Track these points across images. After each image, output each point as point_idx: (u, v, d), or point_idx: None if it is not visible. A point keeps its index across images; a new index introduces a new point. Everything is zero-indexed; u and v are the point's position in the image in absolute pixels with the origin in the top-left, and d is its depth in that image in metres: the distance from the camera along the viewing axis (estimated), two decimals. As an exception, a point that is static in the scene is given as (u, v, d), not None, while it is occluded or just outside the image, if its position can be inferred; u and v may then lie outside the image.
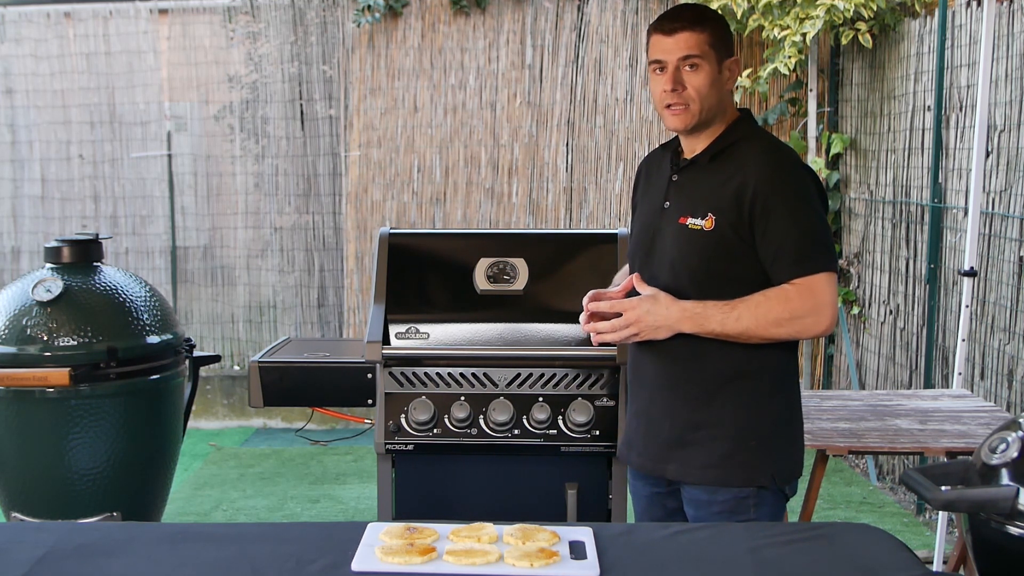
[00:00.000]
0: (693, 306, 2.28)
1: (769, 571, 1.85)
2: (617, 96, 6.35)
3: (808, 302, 2.26)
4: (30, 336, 3.47)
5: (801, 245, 2.28)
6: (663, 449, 2.41)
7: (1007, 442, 1.96)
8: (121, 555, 1.93)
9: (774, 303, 2.25)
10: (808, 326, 2.28)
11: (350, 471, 5.69)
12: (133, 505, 3.63)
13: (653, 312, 2.29)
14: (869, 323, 5.71)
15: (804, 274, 2.27)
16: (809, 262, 2.27)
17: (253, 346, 6.76)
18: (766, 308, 2.25)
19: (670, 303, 2.29)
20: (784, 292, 2.26)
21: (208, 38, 6.67)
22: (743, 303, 2.26)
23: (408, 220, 6.48)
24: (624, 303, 2.33)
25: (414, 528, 1.99)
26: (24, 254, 6.87)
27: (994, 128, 4.37)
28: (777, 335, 2.28)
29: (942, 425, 3.30)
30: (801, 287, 2.26)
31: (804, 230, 2.29)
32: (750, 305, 2.26)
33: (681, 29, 2.32)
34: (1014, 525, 1.86)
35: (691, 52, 2.31)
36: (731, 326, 2.26)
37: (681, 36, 2.32)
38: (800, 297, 2.26)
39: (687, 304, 2.28)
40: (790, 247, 2.28)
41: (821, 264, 2.28)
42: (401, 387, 2.98)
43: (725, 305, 2.27)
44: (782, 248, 2.28)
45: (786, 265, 2.28)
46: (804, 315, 2.26)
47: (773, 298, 2.26)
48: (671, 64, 2.32)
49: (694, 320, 2.28)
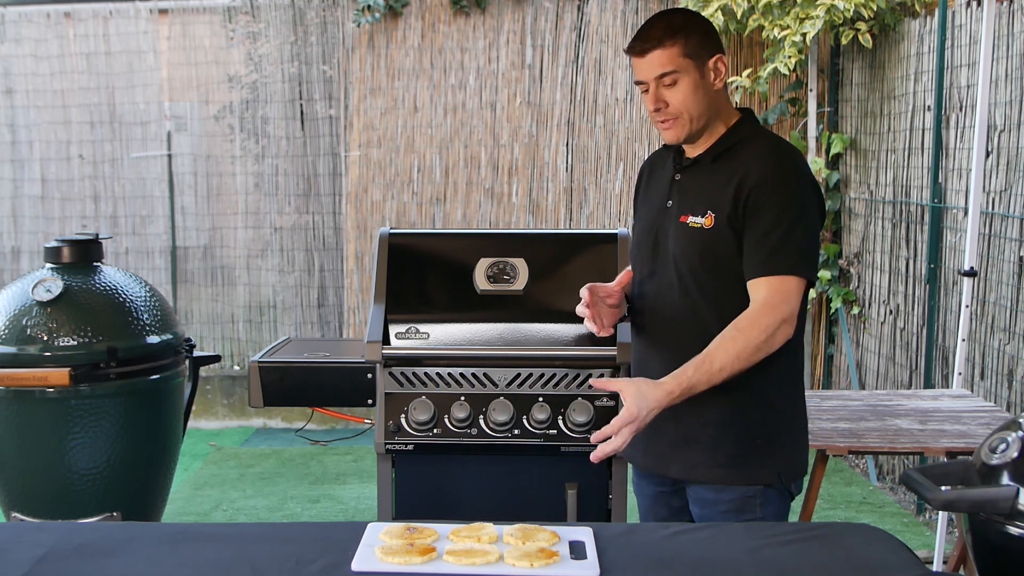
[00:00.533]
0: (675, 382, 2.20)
1: (769, 571, 1.85)
2: (617, 96, 6.35)
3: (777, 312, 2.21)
4: (30, 336, 3.47)
5: (779, 244, 2.25)
6: (668, 448, 2.41)
7: (1007, 442, 1.96)
8: (121, 555, 1.93)
9: (748, 330, 2.21)
10: (779, 339, 2.23)
11: (350, 471, 5.69)
12: (133, 505, 3.63)
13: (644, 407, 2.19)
14: (869, 323, 5.71)
15: (774, 272, 2.24)
16: (782, 262, 2.24)
17: (253, 346, 6.77)
18: (744, 341, 2.20)
19: (651, 389, 2.20)
20: (750, 315, 2.22)
21: (208, 38, 6.67)
22: (720, 348, 2.20)
23: (408, 220, 6.48)
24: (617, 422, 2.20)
25: (414, 528, 1.99)
26: (24, 254, 6.88)
27: (994, 128, 4.37)
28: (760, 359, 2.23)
29: (942, 425, 3.30)
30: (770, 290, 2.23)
31: (787, 231, 2.26)
32: (727, 345, 2.20)
33: (651, 48, 2.30)
34: (1014, 525, 1.86)
35: (665, 70, 2.30)
36: (717, 378, 2.21)
37: (653, 55, 2.30)
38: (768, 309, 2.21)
39: (668, 384, 2.20)
40: (767, 244, 2.25)
41: (794, 267, 2.24)
42: (401, 387, 2.98)
43: (703, 362, 2.20)
44: (760, 243, 2.25)
45: (759, 260, 2.25)
46: (775, 328, 2.21)
47: (745, 326, 2.21)
48: (651, 84, 2.32)
49: (682, 395, 2.21)
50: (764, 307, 2.23)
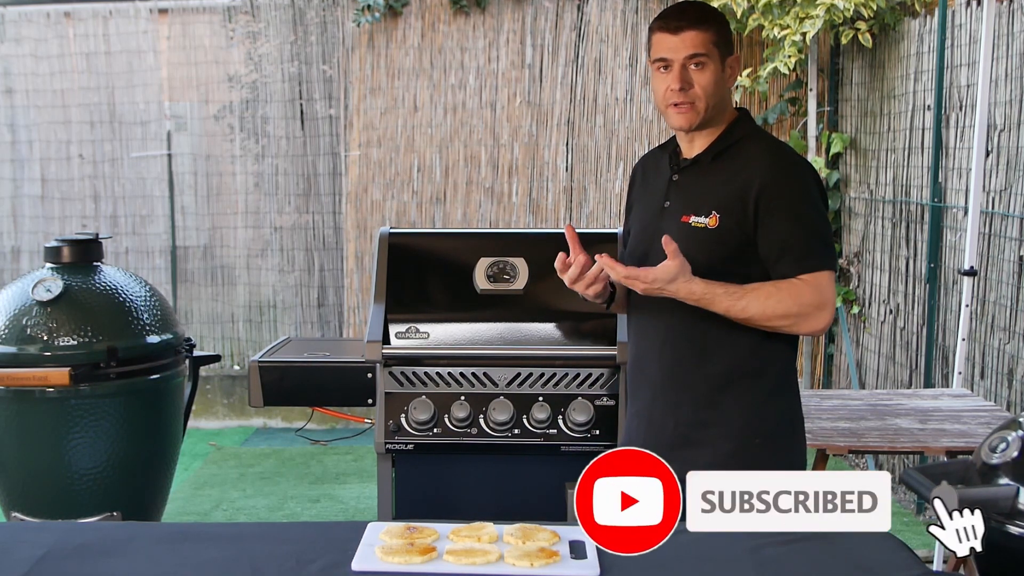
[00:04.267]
0: (702, 288, 2.24)
1: (769, 571, 1.85)
2: (617, 96, 6.35)
3: (816, 298, 2.26)
4: (30, 336, 3.47)
5: (806, 243, 2.29)
6: (666, 449, 2.40)
7: (1007, 441, 1.96)
8: (121, 555, 1.93)
9: (785, 296, 2.25)
10: (811, 322, 2.28)
11: (350, 471, 5.69)
12: (133, 505, 3.63)
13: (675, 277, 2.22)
14: (869, 322, 5.71)
15: (810, 271, 2.28)
16: (815, 259, 2.28)
17: (253, 346, 6.76)
18: (776, 300, 2.25)
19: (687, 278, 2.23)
20: (795, 287, 2.26)
21: (208, 38, 6.67)
22: (753, 292, 2.25)
23: (408, 220, 6.48)
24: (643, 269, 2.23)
25: (414, 528, 1.99)
26: (24, 254, 6.87)
27: (994, 127, 4.37)
28: (777, 326, 2.28)
29: (942, 424, 3.30)
30: (811, 283, 2.27)
31: (809, 228, 2.30)
32: (760, 295, 2.25)
33: (687, 27, 2.31)
34: (1014, 525, 1.86)
35: (697, 51, 2.31)
36: (735, 313, 2.26)
37: (687, 35, 2.31)
38: (810, 293, 2.26)
39: (695, 287, 2.24)
40: (795, 245, 2.28)
41: (825, 262, 2.30)
42: (401, 387, 2.98)
43: (734, 292, 2.25)
44: (787, 245, 2.29)
45: (792, 262, 2.28)
46: (811, 311, 2.27)
47: (785, 291, 2.26)
48: (677, 63, 2.31)
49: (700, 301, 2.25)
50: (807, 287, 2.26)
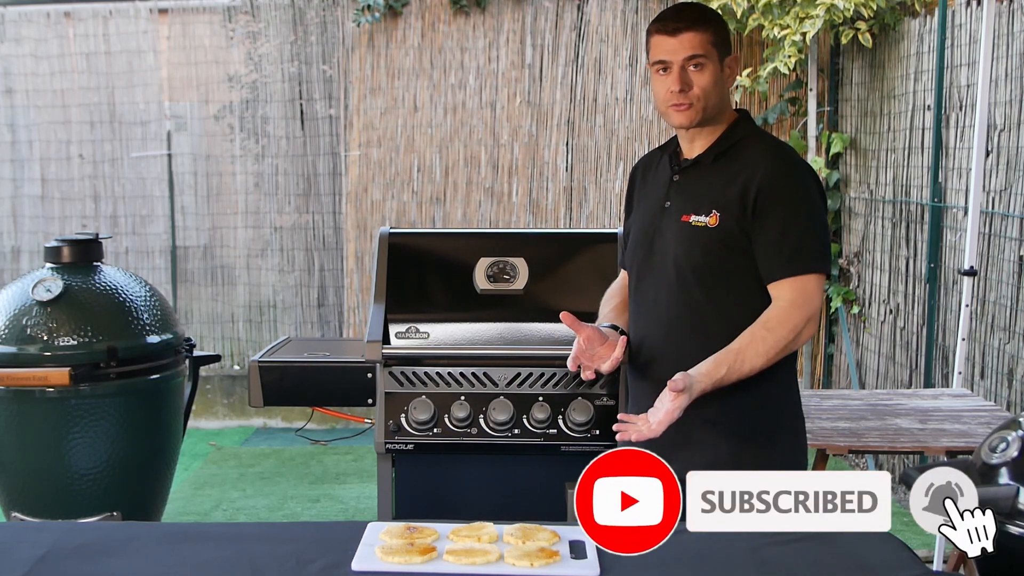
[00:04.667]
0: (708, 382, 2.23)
1: (769, 571, 1.85)
2: (617, 96, 6.35)
3: (804, 310, 2.26)
4: (30, 336, 3.47)
5: (798, 244, 2.29)
6: (667, 447, 2.40)
7: (1007, 441, 1.96)
8: (121, 555, 1.93)
9: (777, 329, 2.25)
10: (804, 336, 2.29)
11: (350, 471, 5.69)
12: (133, 505, 3.63)
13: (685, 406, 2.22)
14: (869, 322, 5.71)
15: (799, 273, 2.28)
16: (805, 262, 2.29)
17: (253, 346, 6.76)
18: (773, 340, 2.25)
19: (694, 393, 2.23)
20: (780, 313, 2.26)
21: (208, 38, 6.67)
22: (751, 347, 2.24)
23: (408, 220, 6.48)
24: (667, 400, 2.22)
25: (414, 528, 1.99)
26: (24, 254, 6.87)
27: (994, 127, 4.37)
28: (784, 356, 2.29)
29: (942, 424, 3.30)
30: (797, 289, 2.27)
31: (803, 230, 2.30)
32: (756, 345, 2.24)
33: (685, 29, 2.32)
34: (1014, 525, 1.86)
35: (696, 52, 2.32)
36: (746, 374, 2.26)
37: (685, 36, 2.32)
38: (797, 311, 2.26)
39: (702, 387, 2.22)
40: (786, 245, 2.29)
41: (816, 265, 2.30)
42: (401, 387, 2.98)
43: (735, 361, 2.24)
44: (778, 246, 2.29)
45: (781, 263, 2.29)
46: (802, 326, 2.27)
47: (775, 325, 2.25)
48: (676, 64, 2.32)
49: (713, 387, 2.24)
50: (791, 306, 2.27)
